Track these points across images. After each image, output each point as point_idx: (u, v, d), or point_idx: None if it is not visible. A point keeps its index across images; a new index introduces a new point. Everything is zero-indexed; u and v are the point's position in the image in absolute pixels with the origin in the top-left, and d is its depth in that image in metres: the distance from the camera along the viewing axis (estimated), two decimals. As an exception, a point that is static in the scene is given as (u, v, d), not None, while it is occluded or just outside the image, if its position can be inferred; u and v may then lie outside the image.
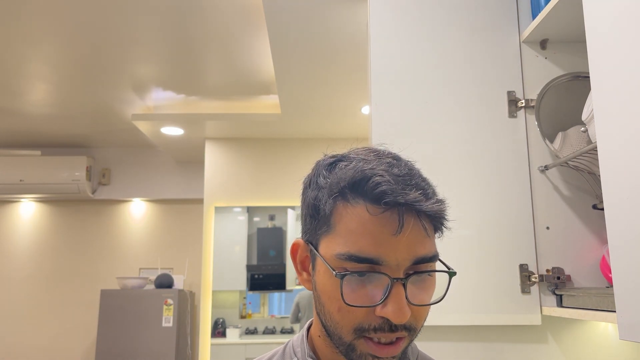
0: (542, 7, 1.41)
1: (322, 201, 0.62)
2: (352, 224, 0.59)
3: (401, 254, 0.57)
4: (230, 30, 2.86)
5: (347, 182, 0.60)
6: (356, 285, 0.58)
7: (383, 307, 0.57)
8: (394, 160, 0.62)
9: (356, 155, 0.63)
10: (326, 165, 0.65)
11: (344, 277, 0.58)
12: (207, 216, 4.48)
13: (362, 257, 0.57)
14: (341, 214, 0.60)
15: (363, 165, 0.60)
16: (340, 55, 2.95)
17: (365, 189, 0.58)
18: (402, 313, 0.57)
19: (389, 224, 0.57)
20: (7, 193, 4.84)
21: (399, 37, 1.51)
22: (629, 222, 0.79)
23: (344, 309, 0.59)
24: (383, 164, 0.60)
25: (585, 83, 1.40)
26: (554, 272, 1.37)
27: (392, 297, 0.57)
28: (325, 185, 0.62)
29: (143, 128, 4.18)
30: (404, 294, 0.57)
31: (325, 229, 0.62)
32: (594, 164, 1.24)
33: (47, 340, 4.99)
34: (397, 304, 0.57)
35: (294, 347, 0.73)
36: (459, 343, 1.39)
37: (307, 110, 3.87)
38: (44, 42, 2.97)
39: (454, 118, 1.46)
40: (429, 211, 0.58)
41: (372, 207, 0.58)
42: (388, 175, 0.58)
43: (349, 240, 0.58)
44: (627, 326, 0.80)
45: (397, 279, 0.57)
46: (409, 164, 0.63)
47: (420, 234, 0.58)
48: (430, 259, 0.60)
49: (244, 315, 4.80)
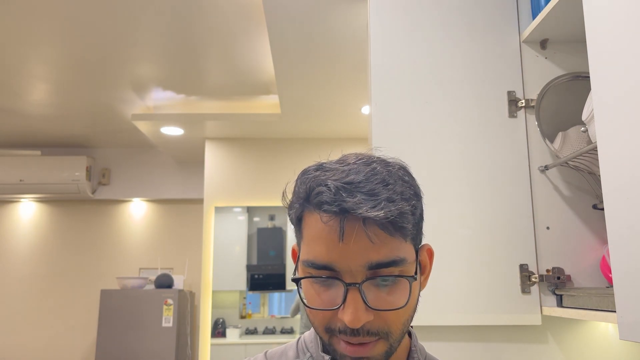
0: (542, 7, 1.41)
1: (292, 210, 0.65)
2: (312, 231, 0.61)
3: (352, 261, 0.58)
4: (230, 30, 2.86)
5: (304, 192, 0.62)
6: (319, 288, 0.61)
7: (342, 311, 0.59)
8: (361, 167, 0.61)
9: (331, 165, 0.63)
10: (302, 173, 0.66)
11: (298, 281, 0.62)
12: (207, 216, 4.48)
13: (318, 263, 0.60)
14: (306, 222, 0.63)
15: (321, 174, 0.61)
16: (341, 56, 2.95)
17: (311, 198, 0.61)
18: (356, 318, 0.58)
19: (334, 231, 0.59)
20: (7, 193, 4.84)
21: (399, 37, 1.51)
22: (629, 222, 0.79)
23: (311, 310, 0.62)
24: (344, 172, 0.60)
25: (585, 83, 1.40)
26: (554, 272, 1.36)
27: (348, 301, 0.58)
28: (296, 194, 0.65)
29: (143, 128, 4.18)
30: (360, 298, 0.58)
31: (299, 236, 0.65)
32: (594, 164, 1.24)
33: (47, 340, 4.99)
34: (351, 309, 0.58)
35: (306, 343, 0.74)
36: (459, 343, 1.39)
37: (307, 110, 3.87)
38: (44, 42, 2.97)
39: (454, 118, 1.46)
40: (372, 217, 0.57)
41: (322, 215, 0.59)
42: (334, 184, 0.59)
43: (309, 247, 0.61)
44: (627, 326, 0.80)
45: (352, 284, 0.58)
46: (377, 169, 0.61)
47: (365, 239, 0.58)
48: (389, 264, 0.59)
49: (244, 315, 4.80)
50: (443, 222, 1.40)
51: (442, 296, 1.36)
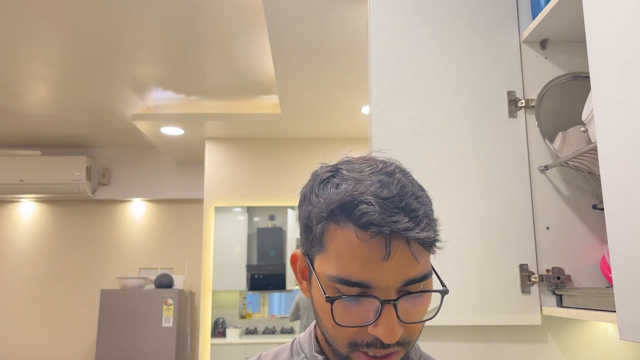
0: (542, 7, 1.41)
1: (313, 221, 0.62)
2: (343, 247, 0.59)
3: (390, 278, 0.58)
4: (230, 30, 2.86)
5: (336, 205, 0.59)
6: (349, 305, 0.60)
7: (374, 327, 0.59)
8: (387, 178, 0.60)
9: (349, 172, 0.62)
10: (319, 182, 0.64)
11: (333, 301, 0.60)
12: (207, 216, 4.48)
13: (352, 281, 0.58)
14: (332, 235, 0.60)
15: (354, 187, 0.59)
16: (341, 55, 2.95)
17: (353, 216, 0.58)
18: (392, 334, 0.58)
19: (377, 250, 0.57)
20: (7, 193, 4.84)
21: (399, 37, 1.51)
22: (629, 222, 0.79)
23: (337, 326, 0.61)
24: (374, 185, 0.59)
25: (585, 83, 1.40)
26: (554, 272, 1.36)
27: (382, 318, 0.58)
28: (317, 204, 0.62)
29: (143, 128, 4.18)
30: (394, 314, 0.58)
31: (318, 248, 0.62)
32: (594, 164, 1.24)
33: (47, 340, 4.99)
34: (387, 325, 0.58)
35: (300, 343, 0.74)
36: (459, 343, 1.39)
37: (307, 110, 3.87)
38: (44, 42, 2.97)
39: (453, 118, 1.46)
40: (418, 239, 0.58)
41: (361, 232, 0.57)
42: (375, 200, 0.58)
43: (339, 263, 0.59)
44: (627, 326, 0.80)
45: (388, 301, 0.58)
46: (402, 180, 0.61)
47: (409, 258, 0.58)
48: (422, 278, 0.60)
49: (244, 315, 4.80)
50: (443, 222, 1.39)
51: (442, 296, 1.36)
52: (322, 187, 0.63)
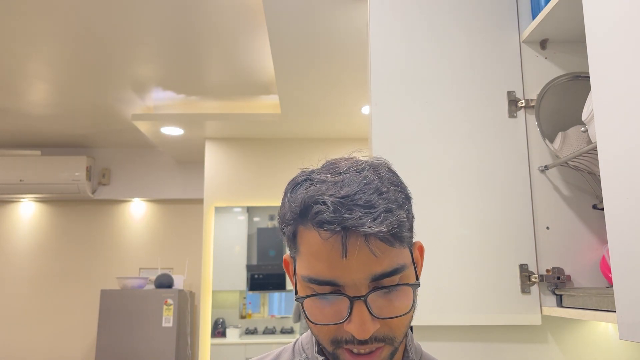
0: (542, 7, 1.41)
1: (285, 225, 0.65)
2: (310, 247, 0.61)
3: (356, 275, 0.59)
4: (230, 30, 2.86)
5: (299, 208, 0.61)
6: (323, 303, 0.61)
7: (348, 324, 0.60)
8: (351, 176, 0.61)
9: (318, 175, 0.63)
10: (292, 186, 0.66)
11: (303, 300, 0.62)
12: (207, 216, 4.48)
13: (320, 279, 0.60)
14: (302, 237, 0.62)
15: (316, 188, 0.61)
16: (340, 56, 2.95)
17: (310, 217, 0.60)
18: (363, 330, 0.58)
19: (336, 248, 0.58)
20: (7, 193, 4.84)
21: (399, 37, 1.50)
22: (629, 222, 0.79)
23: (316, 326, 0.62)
24: (336, 184, 0.60)
25: (585, 83, 1.40)
26: (554, 272, 1.36)
27: (354, 314, 0.59)
28: (287, 208, 0.64)
29: (143, 128, 4.18)
30: (366, 310, 0.59)
31: (295, 250, 0.65)
32: (594, 164, 1.24)
33: (47, 340, 4.99)
34: (358, 321, 0.59)
35: (302, 344, 0.75)
36: (459, 343, 1.39)
37: (307, 110, 3.87)
38: (44, 42, 2.97)
39: (453, 118, 1.46)
40: (375, 233, 0.57)
41: (322, 231, 0.59)
42: (331, 200, 0.58)
43: (309, 263, 0.61)
44: (627, 326, 0.80)
45: (357, 298, 0.59)
46: (369, 177, 0.61)
47: (369, 254, 0.58)
48: (391, 272, 0.60)
49: (244, 315, 4.80)
50: (443, 222, 1.40)
51: (442, 296, 1.36)
52: (293, 191, 0.65)
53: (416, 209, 0.68)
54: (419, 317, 1.35)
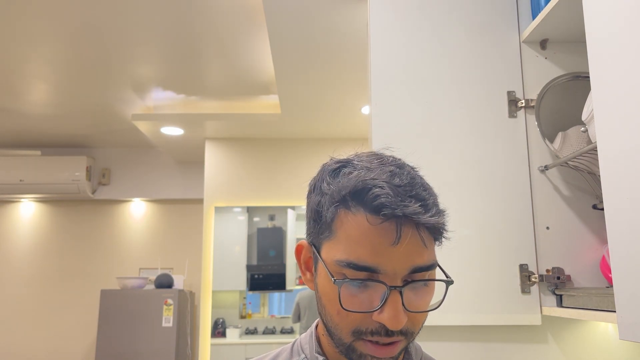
0: (542, 7, 1.41)
1: (324, 207, 0.63)
2: (353, 232, 0.60)
3: (398, 264, 0.59)
4: (230, 30, 2.86)
5: (348, 190, 0.61)
6: (355, 290, 0.60)
7: (380, 313, 0.59)
8: (397, 169, 0.62)
9: (359, 162, 0.64)
10: (330, 170, 0.65)
11: (341, 284, 0.60)
12: (207, 216, 4.48)
13: (360, 265, 0.59)
14: (342, 221, 0.61)
15: (365, 174, 0.61)
16: (341, 56, 2.95)
17: (365, 200, 0.59)
18: (397, 320, 0.58)
19: (387, 234, 0.58)
20: (7, 193, 4.84)
21: (399, 37, 1.51)
22: (629, 222, 0.79)
23: (342, 312, 0.61)
24: (385, 173, 0.61)
25: (585, 83, 1.40)
26: (554, 272, 1.36)
27: (388, 304, 0.59)
28: (328, 191, 0.63)
29: (143, 128, 4.18)
30: (400, 301, 0.59)
31: (327, 234, 0.63)
32: (594, 164, 1.24)
33: (47, 340, 4.99)
34: (393, 311, 0.58)
35: (301, 344, 0.74)
36: (459, 343, 1.39)
37: (307, 110, 3.87)
38: (44, 42, 2.97)
39: (454, 118, 1.46)
40: (428, 223, 0.59)
41: (372, 217, 0.59)
42: (388, 186, 0.59)
43: (348, 247, 0.60)
44: (627, 326, 0.80)
45: (394, 287, 0.59)
46: (412, 172, 0.63)
47: (418, 244, 0.59)
48: (428, 267, 0.61)
49: (244, 315, 4.80)
50: (443, 222, 1.40)
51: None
52: (333, 175, 0.64)
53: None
54: (419, 317, 1.35)
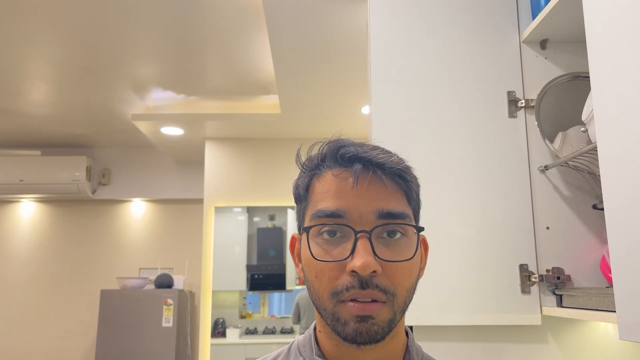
0: (542, 7, 1.41)
1: (299, 182, 0.70)
2: (322, 189, 0.65)
3: (363, 207, 0.62)
4: (230, 30, 2.86)
5: (318, 157, 0.67)
6: (327, 246, 0.63)
7: (350, 261, 0.60)
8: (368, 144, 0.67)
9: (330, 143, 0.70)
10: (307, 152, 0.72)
11: (308, 230, 0.64)
12: (207, 216, 4.48)
13: (325, 211, 0.63)
14: (314, 186, 0.67)
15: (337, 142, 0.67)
16: (340, 56, 2.95)
17: (330, 154, 0.66)
18: (366, 263, 0.59)
19: (348, 179, 0.63)
20: (7, 193, 4.84)
21: (399, 37, 1.51)
22: (629, 222, 0.79)
23: (319, 273, 0.62)
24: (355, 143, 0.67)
25: (585, 83, 1.40)
26: (554, 272, 1.37)
27: (357, 249, 0.61)
28: (303, 169, 0.70)
29: (143, 128, 4.18)
30: (369, 245, 0.60)
31: (305, 205, 0.68)
32: (594, 164, 1.24)
33: (47, 340, 4.99)
34: (362, 255, 0.60)
35: (299, 346, 0.73)
36: (459, 343, 1.39)
37: (307, 110, 3.87)
38: (43, 42, 2.97)
39: (453, 118, 1.46)
40: (385, 164, 0.63)
41: (336, 170, 0.64)
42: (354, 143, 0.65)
43: (317, 202, 0.65)
44: (627, 326, 0.80)
45: (362, 232, 0.61)
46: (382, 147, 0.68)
47: (381, 187, 0.63)
48: (398, 215, 0.63)
49: (244, 315, 4.80)
50: (443, 222, 1.40)
51: (442, 296, 1.36)
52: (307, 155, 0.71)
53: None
54: (419, 317, 1.35)
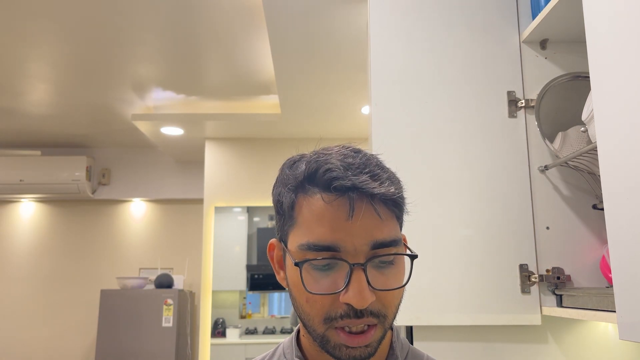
0: (542, 7, 1.41)
1: (284, 197, 0.64)
2: (310, 214, 0.60)
3: (358, 239, 0.58)
4: (230, 30, 2.86)
5: (303, 175, 0.62)
6: (319, 275, 0.60)
7: (345, 293, 0.58)
8: (352, 153, 0.63)
9: (315, 155, 0.65)
10: (289, 163, 0.68)
11: (302, 265, 0.60)
12: (207, 216, 4.48)
13: (319, 244, 0.59)
14: (301, 206, 0.62)
15: (318, 157, 0.62)
16: (340, 56, 2.95)
17: (318, 178, 0.60)
18: (362, 297, 0.58)
19: (342, 209, 0.59)
20: (7, 193, 4.84)
21: (399, 37, 1.51)
22: (629, 222, 0.79)
23: (311, 299, 0.60)
24: (339, 156, 0.62)
25: (585, 83, 1.40)
26: (554, 272, 1.37)
27: (352, 282, 0.58)
28: (285, 181, 0.65)
29: (143, 128, 4.18)
30: (364, 278, 0.58)
31: (290, 224, 0.63)
32: (594, 164, 1.24)
33: (47, 340, 4.99)
34: (357, 289, 0.58)
35: (284, 349, 0.74)
36: (459, 343, 1.39)
37: (307, 110, 3.87)
38: (44, 42, 2.97)
39: (453, 118, 1.46)
40: (379, 194, 0.59)
41: (326, 195, 0.59)
42: (340, 164, 0.60)
43: (307, 230, 0.60)
44: (627, 326, 0.80)
45: (357, 264, 0.58)
46: (368, 155, 0.64)
47: (374, 218, 0.59)
48: (390, 243, 0.60)
49: (244, 315, 4.80)
50: (443, 222, 1.40)
51: (442, 296, 1.36)
52: (290, 166, 0.66)
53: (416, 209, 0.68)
54: (419, 317, 1.35)
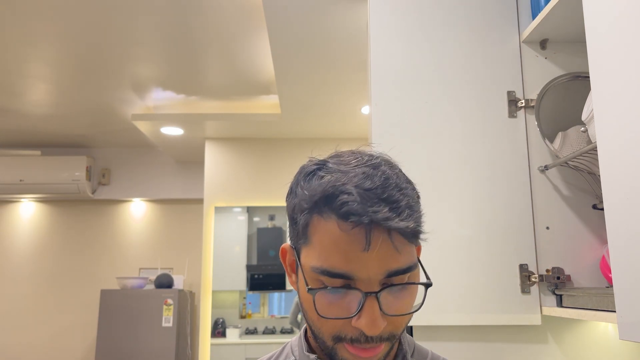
0: (542, 7, 1.41)
1: (298, 213, 0.63)
2: (325, 238, 0.59)
3: (372, 270, 0.58)
4: (230, 30, 2.86)
5: (319, 196, 0.60)
6: (332, 297, 0.60)
7: (357, 320, 0.58)
8: (371, 170, 0.61)
9: (334, 165, 0.63)
10: (305, 174, 0.65)
11: (315, 293, 0.60)
12: (207, 216, 4.48)
13: (334, 272, 0.58)
14: (316, 227, 0.60)
15: (336, 178, 0.60)
16: (341, 56, 2.95)
17: (335, 206, 0.58)
18: (375, 326, 0.58)
19: (358, 240, 0.57)
20: (7, 193, 4.84)
21: (399, 37, 1.51)
22: (629, 222, 0.79)
23: (321, 319, 0.61)
24: (357, 176, 0.59)
25: (585, 83, 1.40)
26: (554, 272, 1.37)
27: (365, 310, 0.58)
28: (301, 196, 0.63)
29: (143, 128, 4.18)
30: (377, 307, 0.58)
31: (304, 240, 0.63)
32: (594, 164, 1.24)
33: (47, 340, 4.99)
34: (370, 317, 0.58)
35: (292, 347, 0.74)
36: (459, 343, 1.39)
37: (307, 110, 3.87)
38: (44, 42, 2.97)
39: (453, 118, 1.46)
40: (398, 229, 0.57)
41: (342, 223, 0.58)
42: (357, 191, 0.58)
43: (322, 254, 0.59)
44: (627, 326, 0.80)
45: (370, 293, 0.58)
46: (387, 172, 0.61)
47: (391, 249, 0.58)
48: (405, 270, 0.60)
49: (244, 315, 4.80)
50: (443, 222, 1.40)
51: (442, 296, 1.36)
52: (307, 179, 0.64)
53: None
54: (419, 317, 1.35)
